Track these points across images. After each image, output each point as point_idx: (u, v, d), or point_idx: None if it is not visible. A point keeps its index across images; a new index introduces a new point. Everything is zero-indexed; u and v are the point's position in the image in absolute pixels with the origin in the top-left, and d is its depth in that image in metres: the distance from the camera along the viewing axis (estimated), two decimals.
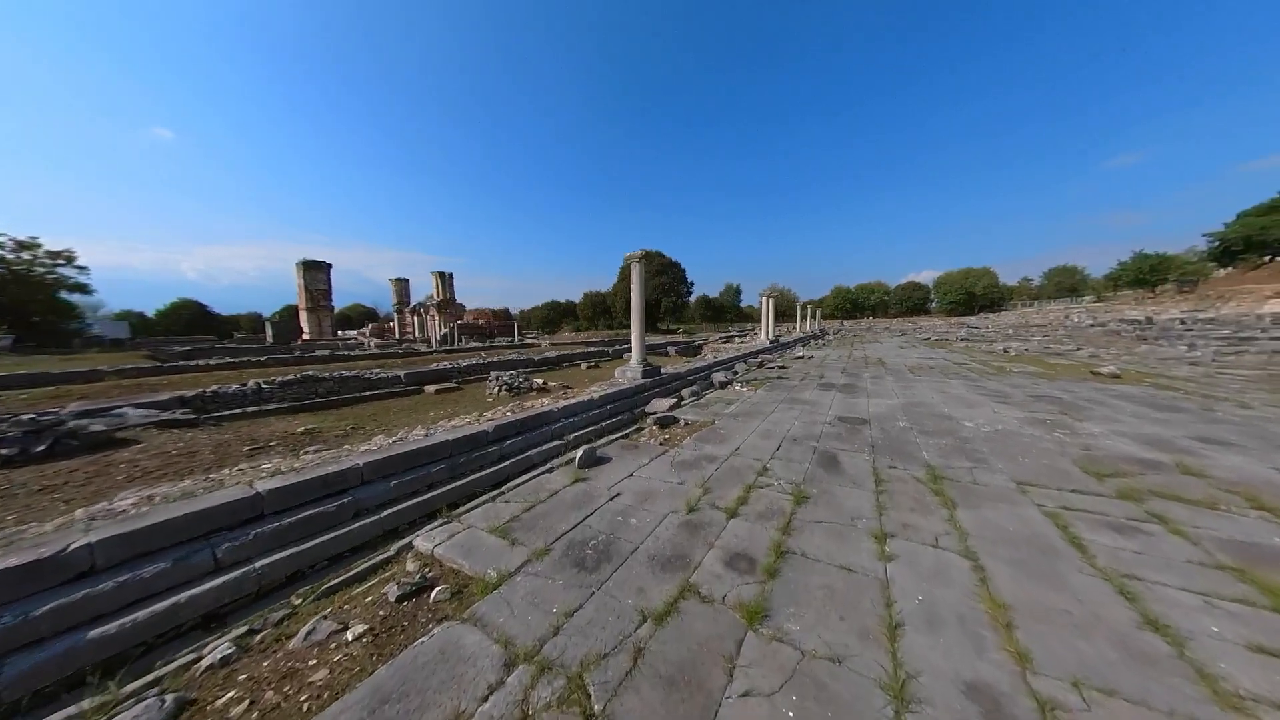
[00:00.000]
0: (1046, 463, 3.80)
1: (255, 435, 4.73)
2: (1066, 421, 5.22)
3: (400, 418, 6.06)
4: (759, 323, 20.06)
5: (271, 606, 2.45)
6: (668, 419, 5.83)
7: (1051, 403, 6.34)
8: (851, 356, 14.75)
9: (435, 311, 45.80)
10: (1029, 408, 6.03)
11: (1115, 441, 4.39)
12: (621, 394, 6.89)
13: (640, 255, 8.14)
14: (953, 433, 4.84)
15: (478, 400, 7.32)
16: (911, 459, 3.99)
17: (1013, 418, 5.46)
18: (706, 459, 4.13)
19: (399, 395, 7.72)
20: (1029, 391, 7.30)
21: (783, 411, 6.16)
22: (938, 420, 5.43)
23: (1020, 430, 4.89)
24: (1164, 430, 4.77)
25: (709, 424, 5.60)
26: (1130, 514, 2.83)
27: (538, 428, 5.11)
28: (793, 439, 4.73)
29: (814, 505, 3.07)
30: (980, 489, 3.28)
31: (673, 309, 49.43)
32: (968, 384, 8.19)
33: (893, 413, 5.92)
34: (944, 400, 6.67)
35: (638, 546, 2.54)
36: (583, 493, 3.38)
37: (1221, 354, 13.28)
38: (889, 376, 9.53)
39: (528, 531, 2.77)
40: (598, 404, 6.22)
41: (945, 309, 65.25)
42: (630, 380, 7.91)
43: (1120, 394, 6.92)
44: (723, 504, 3.10)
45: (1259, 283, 40.04)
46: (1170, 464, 3.73)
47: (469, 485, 3.88)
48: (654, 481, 3.59)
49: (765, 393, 7.84)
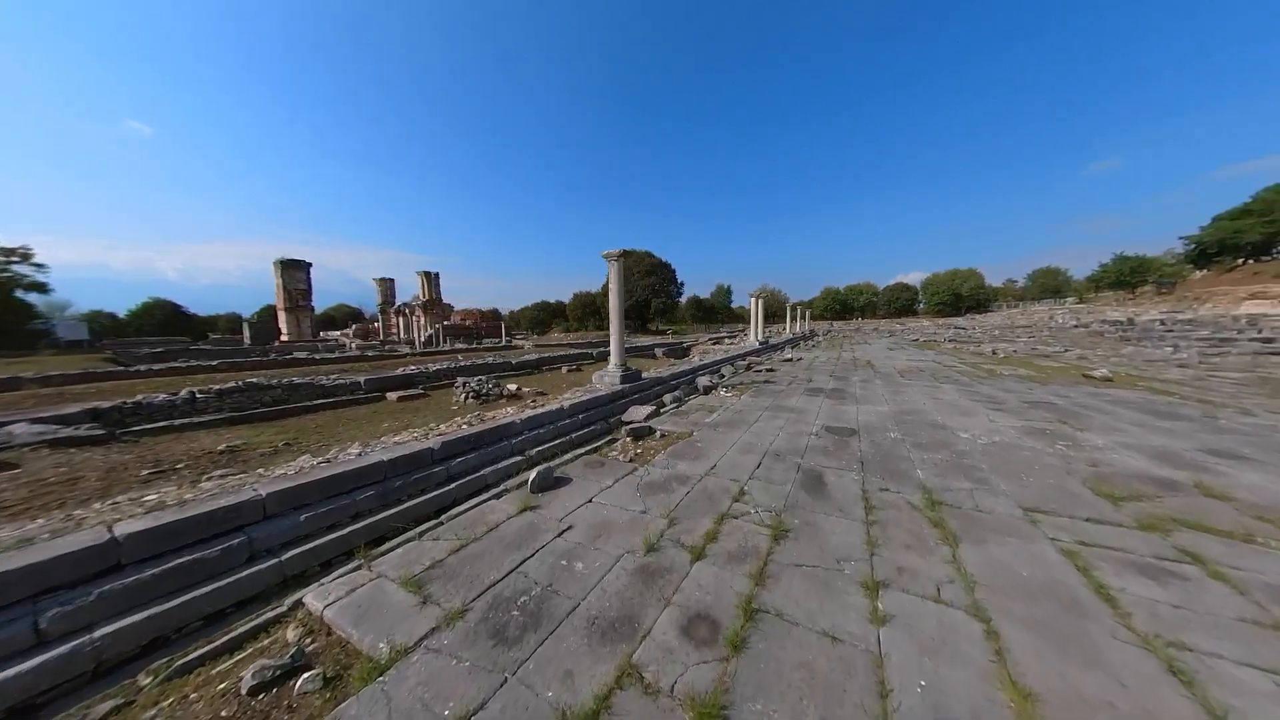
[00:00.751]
0: (1053, 483, 3.42)
1: (165, 455, 4.14)
2: (1067, 431, 4.88)
3: (348, 430, 5.50)
4: (749, 324, 19.72)
5: (107, 691, 1.92)
6: (643, 430, 5.36)
7: (1048, 409, 6.01)
8: (840, 359, 14.46)
9: (421, 312, 44.80)
10: (1025, 415, 5.69)
11: (1123, 456, 4.03)
12: (596, 402, 6.40)
13: (619, 254, 7.67)
14: (948, 445, 4.45)
15: (442, 409, 6.77)
16: (905, 479, 3.57)
17: (1010, 427, 5.10)
18: (678, 480, 3.66)
19: (357, 404, 7.14)
20: (1023, 397, 6.99)
21: (767, 421, 5.73)
22: (931, 431, 5.05)
23: (1020, 442, 4.52)
24: (1171, 442, 4.44)
25: (687, 436, 5.14)
26: (1158, 551, 2.43)
27: (496, 442, 4.60)
28: (775, 454, 4.29)
29: (795, 541, 2.62)
30: (984, 518, 2.86)
31: (663, 310, 49.00)
32: (959, 389, 7.87)
33: (883, 422, 5.53)
34: (936, 407, 6.31)
35: (578, 605, 2.06)
36: (528, 526, 2.89)
37: (1206, 356, 13.27)
38: (878, 380, 9.19)
39: (448, 582, 2.27)
40: (567, 414, 5.72)
41: (933, 310, 65.96)
42: (607, 386, 7.42)
43: (1116, 399, 6.64)
44: (689, 540, 2.64)
45: (1234, 285, 41.05)
46: (1187, 483, 3.37)
47: (404, 514, 3.36)
48: (614, 510, 3.11)
49: (750, 399, 7.42)
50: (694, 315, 68.15)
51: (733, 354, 14.64)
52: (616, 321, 7.93)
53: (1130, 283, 50.31)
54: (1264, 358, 12.90)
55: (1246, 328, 22.77)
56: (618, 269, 7.83)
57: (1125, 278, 50.79)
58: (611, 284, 7.88)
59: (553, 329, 67.10)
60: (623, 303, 7.96)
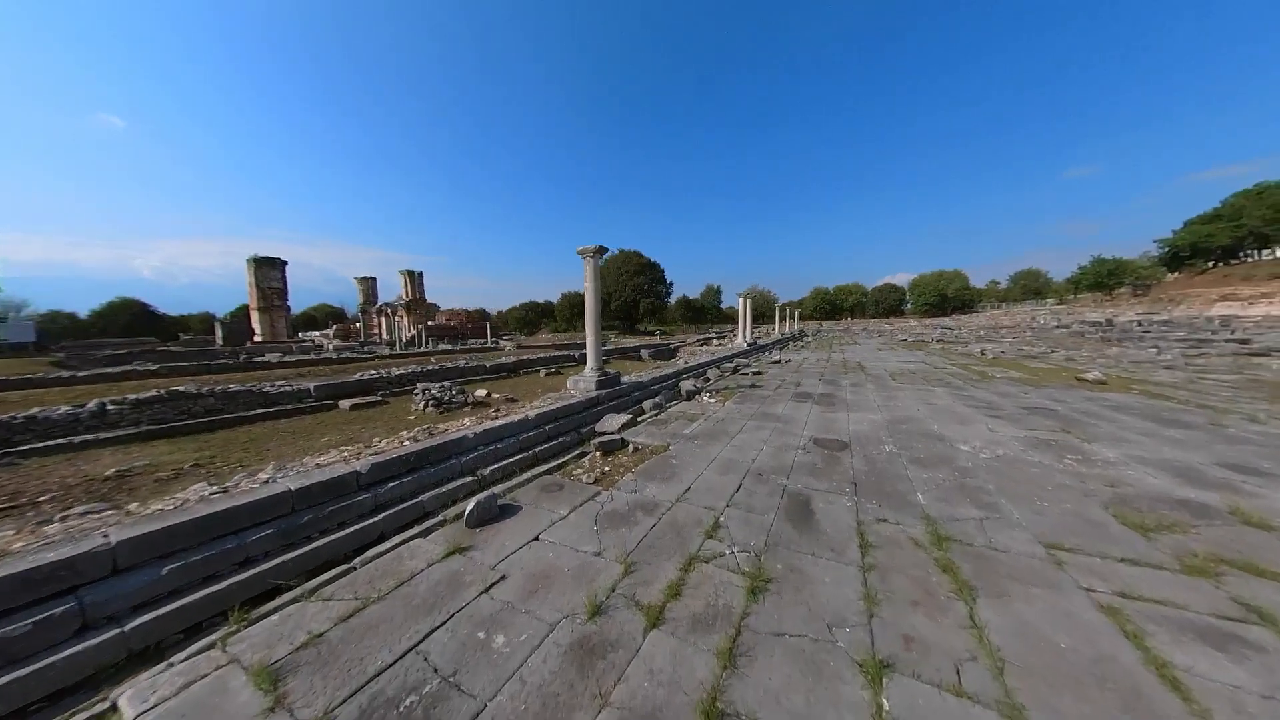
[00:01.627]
0: (1072, 508, 2.99)
1: (34, 483, 3.47)
2: (1073, 443, 4.49)
3: (281, 445, 4.86)
4: (737, 325, 19.34)
5: None
6: (614, 443, 4.83)
7: (1048, 416, 5.66)
8: (830, 360, 14.13)
9: (404, 312, 43.63)
10: (1026, 423, 5.32)
11: (1139, 473, 3.64)
12: (567, 410, 5.85)
13: (595, 250, 7.13)
14: (948, 460, 4.02)
15: (396, 419, 6.15)
16: (904, 505, 3.11)
17: (1012, 438, 4.71)
18: (645, 508, 3.14)
19: (304, 413, 6.47)
20: (1019, 402, 6.64)
21: (751, 432, 5.25)
22: (928, 442, 4.62)
23: (1025, 456, 4.11)
24: (1186, 455, 4.07)
25: (662, 450, 4.63)
26: (1215, 605, 1.99)
27: (442, 461, 4.02)
28: (758, 474, 3.79)
29: (776, 596, 2.12)
30: (1001, 559, 2.40)
31: (651, 310, 48.53)
32: (953, 393, 7.52)
33: (876, 432, 5.09)
34: (932, 415, 5.91)
35: (481, 710, 1.52)
36: (450, 577, 2.34)
37: (1189, 358, 13.26)
38: (869, 384, 8.82)
39: (318, 672, 1.71)
40: (532, 425, 5.16)
41: (920, 310, 66.81)
42: (581, 393, 6.88)
43: (1115, 404, 6.33)
44: (646, 595, 2.12)
45: (1205, 287, 42.31)
46: (1220, 507, 2.97)
47: (311, 556, 2.78)
48: (562, 551, 2.58)
49: (735, 405, 6.94)
50: (683, 316, 67.90)
51: (719, 356, 14.20)
52: (593, 323, 7.40)
53: (1108, 284, 51.57)
54: (1244, 359, 12.95)
55: (1220, 329, 23.23)
56: (593, 266, 7.30)
57: (1103, 279, 52.03)
58: (587, 282, 7.34)
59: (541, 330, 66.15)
60: (599, 303, 7.43)
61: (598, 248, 7.16)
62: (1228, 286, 39.69)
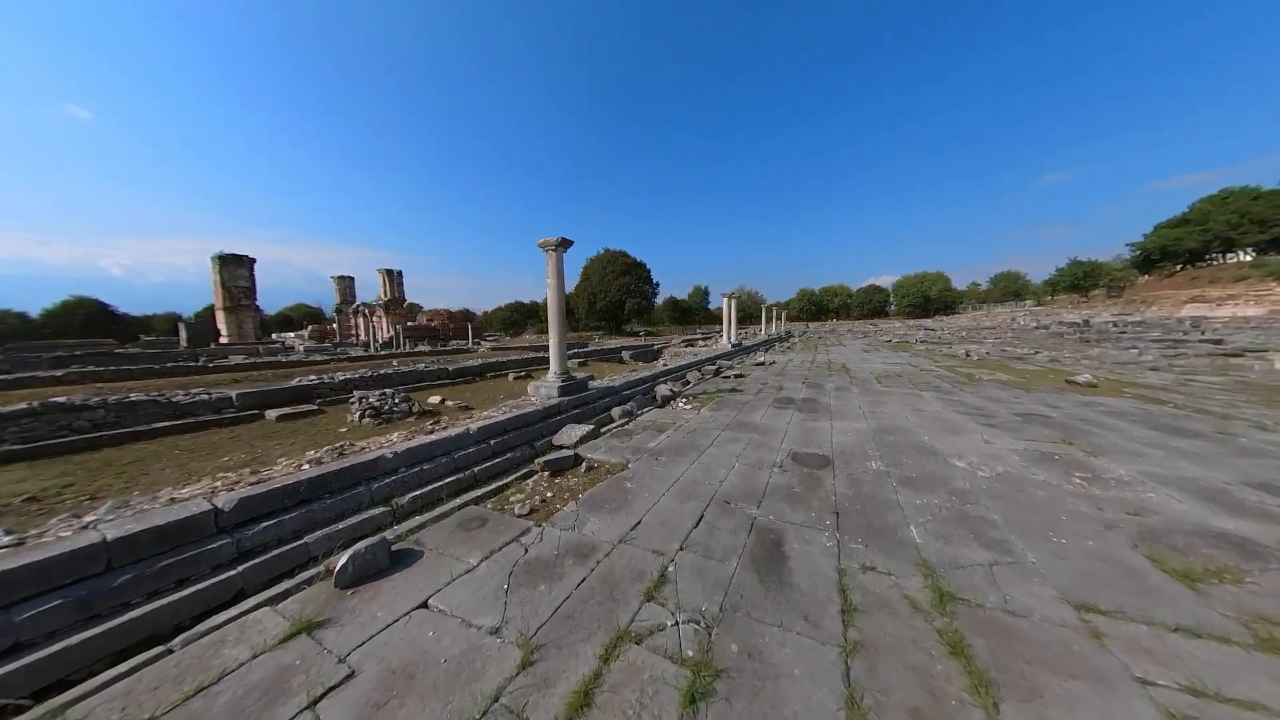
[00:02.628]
0: (1096, 546, 2.46)
1: None
2: (1078, 457, 4.01)
3: (170, 469, 4.08)
4: (731, 324, 18.85)
5: None
6: (565, 461, 4.17)
7: (1044, 424, 5.21)
8: (815, 362, 13.71)
9: (382, 312, 42.22)
10: (1023, 433, 4.85)
11: (1161, 496, 3.15)
12: (519, 421, 5.18)
13: (556, 242, 6.48)
14: (944, 481, 3.48)
15: (325, 432, 5.40)
16: (896, 544, 2.54)
17: (1010, 451, 4.21)
18: (578, 553, 2.51)
19: (220, 425, 5.66)
20: (1011, 407, 6.21)
21: (724, 445, 4.66)
22: (919, 457, 4.09)
23: (1028, 474, 3.60)
24: (1206, 471, 3.62)
25: (619, 469, 4.00)
26: None
27: (347, 488, 3.33)
28: (724, 501, 3.20)
29: (725, 704, 1.51)
30: (1022, 629, 1.84)
31: (638, 310, 47.88)
32: (942, 398, 7.07)
33: (862, 444, 4.56)
34: (921, 423, 5.41)
35: None
36: (276, 676, 1.67)
37: (1170, 359, 13.21)
38: (854, 388, 8.34)
39: None
40: (473, 439, 4.49)
41: (904, 311, 67.67)
42: (542, 400, 6.22)
43: (1111, 410, 5.94)
44: (545, 709, 1.49)
45: (1175, 289, 43.64)
46: (1267, 543, 2.47)
47: (123, 630, 2.08)
48: (449, 626, 1.93)
49: (711, 413, 6.36)
50: (671, 316, 67.49)
51: (701, 358, 13.66)
52: (556, 323, 6.74)
53: (1083, 286, 52.91)
54: (1221, 359, 12.95)
55: (1191, 330, 23.68)
56: (556, 261, 6.64)
57: (1079, 281, 53.36)
58: (550, 278, 6.68)
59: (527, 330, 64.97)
60: (564, 301, 6.78)
61: (560, 240, 6.52)
62: (1196, 288, 40.99)
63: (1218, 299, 36.99)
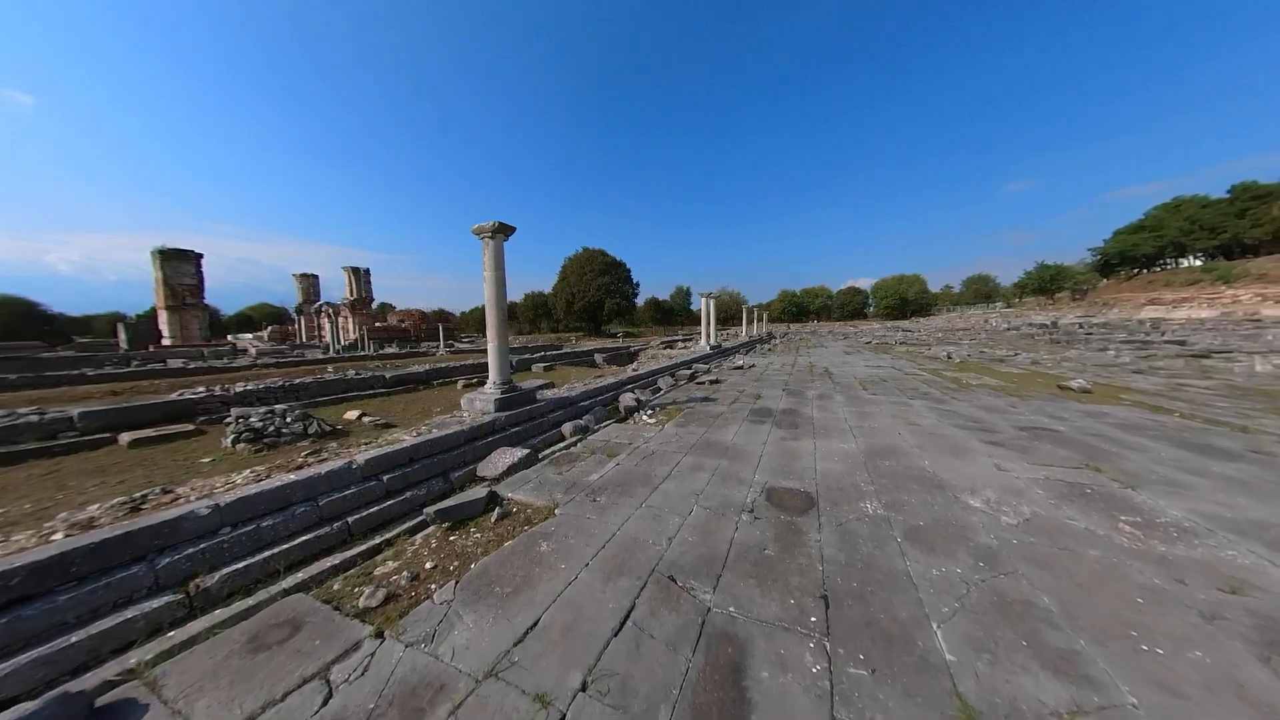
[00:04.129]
0: (1212, 663, 1.62)
1: None
2: (1111, 489, 3.26)
3: None
4: (710, 326, 18.04)
5: None
6: (470, 507, 3.15)
7: (1056, 441, 4.50)
8: (796, 366, 13.02)
9: (348, 312, 39.93)
10: (1035, 453, 4.10)
11: (1242, 552, 2.38)
12: (434, 447, 4.14)
13: (492, 228, 5.46)
14: (962, 533, 2.64)
15: (184, 463, 4.21)
16: (918, 669, 1.64)
17: (1030, 481, 3.43)
18: (408, 704, 1.53)
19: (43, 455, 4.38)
20: (1012, 419, 5.52)
21: (684, 477, 3.73)
22: (924, 492, 3.26)
23: (1064, 518, 2.81)
24: (1270, 509, 2.90)
25: (542, 518, 3.01)
26: None
27: (112, 570, 2.24)
28: (668, 577, 2.25)
29: None
30: None
31: (618, 311, 46.78)
32: (934, 407, 6.36)
33: (852, 473, 3.71)
34: (917, 441, 4.62)
35: None
36: None
37: (1149, 362, 13.09)
38: (838, 395, 7.58)
39: None
40: (357, 477, 3.44)
41: (881, 313, 68.85)
42: (474, 416, 5.18)
43: (1121, 422, 5.31)
44: None
45: (1134, 292, 45.55)
46: None
47: None
48: None
49: (676, 429, 5.44)
50: (653, 317, 66.74)
51: (677, 361, 12.79)
52: (495, 322, 5.71)
53: (1050, 289, 54.80)
54: (1193, 360, 12.90)
55: (1152, 331, 24.31)
56: (494, 251, 5.62)
57: (1046, 284, 55.24)
58: (487, 270, 5.65)
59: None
60: (504, 297, 5.75)
61: (497, 225, 5.49)
62: (1153, 291, 42.86)
63: (1173, 301, 38.65)
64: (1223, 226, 43.81)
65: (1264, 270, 38.04)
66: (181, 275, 32.13)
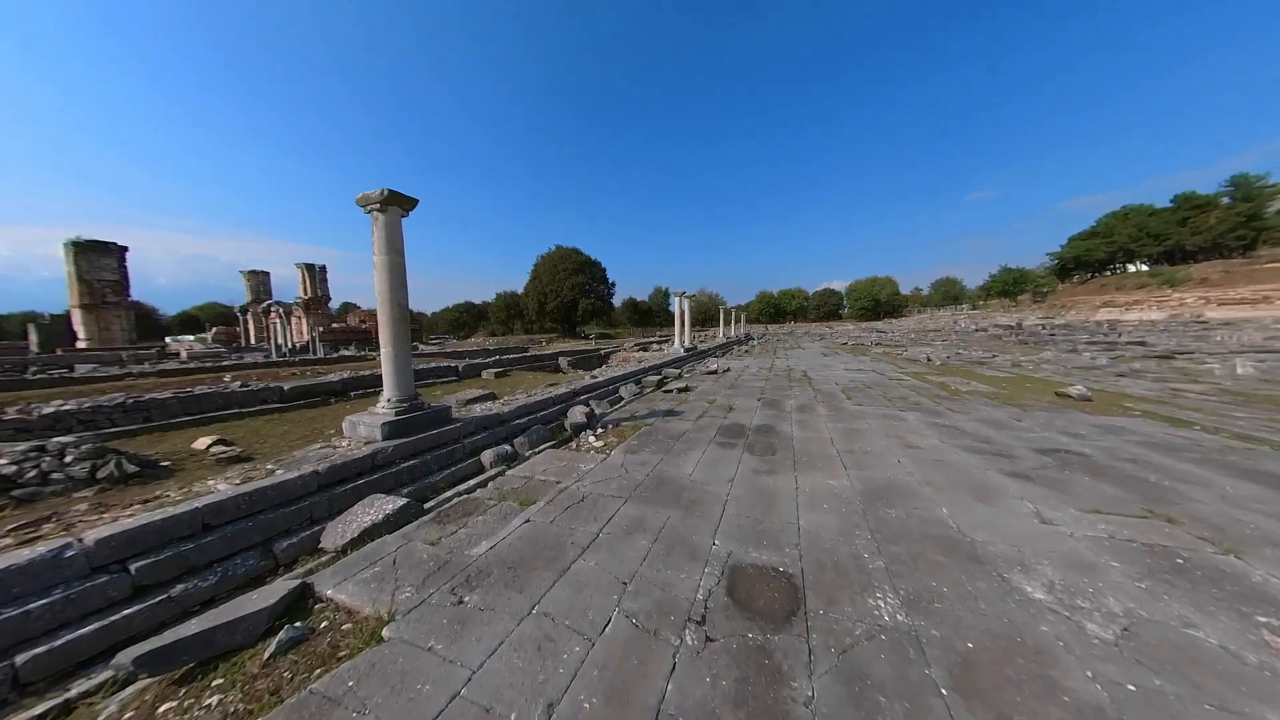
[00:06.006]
0: None
1: None
2: (1202, 553, 2.31)
3: None
4: (685, 327, 16.99)
5: None
6: (225, 634, 1.90)
7: (1088, 469, 3.60)
8: (773, 369, 12.12)
9: (302, 312, 36.98)
10: (1077, 493, 3.17)
11: None
12: (254, 502, 2.83)
13: (381, 197, 4.17)
14: (1038, 669, 1.59)
15: None
16: None
17: (1093, 545, 2.45)
18: None
19: None
20: (1024, 438, 4.65)
21: (612, 546, 2.57)
22: (954, 569, 2.22)
23: (1173, 623, 1.81)
24: None
25: (356, 649, 1.79)
26: None
27: None
28: None
29: None
30: None
31: (593, 311, 45.30)
32: (931, 422, 5.45)
33: (849, 534, 2.64)
34: (924, 474, 3.63)
35: None
36: None
37: (1126, 362, 12.89)
38: (821, 406, 6.62)
39: None
40: (75, 572, 2.11)
41: (856, 314, 70.11)
42: (354, 445, 3.90)
43: (1148, 440, 4.51)
44: None
45: (1089, 295, 47.71)
46: None
47: None
48: None
49: (625, 456, 4.29)
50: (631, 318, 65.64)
51: (645, 366, 11.66)
52: (390, 321, 4.43)
53: (1013, 292, 56.94)
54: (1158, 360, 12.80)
55: (1110, 331, 24.99)
56: (386, 227, 4.34)
57: (1009, 287, 57.38)
58: (378, 255, 4.36)
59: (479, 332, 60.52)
60: (400, 287, 4.46)
61: (387, 194, 4.21)
62: (1106, 294, 44.97)
63: (1125, 304, 40.53)
64: (1167, 234, 46.43)
65: (1204, 275, 40.34)
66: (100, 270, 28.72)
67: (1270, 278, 34.77)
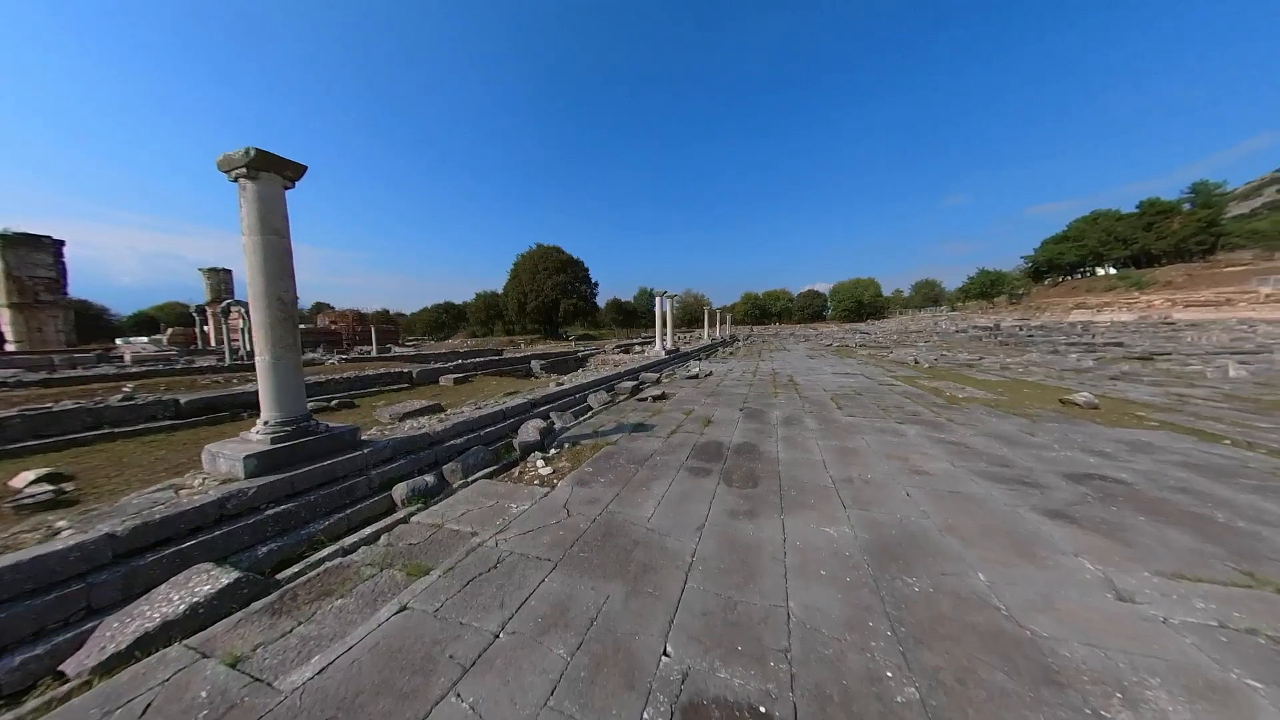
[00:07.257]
0: None
1: None
2: None
3: None
4: (667, 328, 16.21)
5: None
6: None
7: (1140, 506, 2.91)
8: (758, 373, 11.42)
9: None
10: (1142, 545, 2.46)
11: None
12: None
13: (246, 159, 3.21)
14: None
15: None
16: None
17: (1203, 632, 1.73)
18: None
19: None
20: (1045, 458, 3.97)
21: (513, 662, 1.71)
22: (1017, 686, 1.44)
23: None
24: None
25: None
26: None
27: None
28: None
29: None
30: None
31: (575, 312, 44.16)
32: (935, 439, 4.75)
33: (858, 624, 1.84)
34: (942, 516, 2.88)
35: None
36: None
37: (1117, 366, 12.67)
38: (809, 419, 5.88)
39: None
40: None
41: (839, 315, 70.75)
42: (209, 484, 2.94)
43: (1182, 459, 3.88)
44: None
45: (1061, 296, 48.98)
46: None
47: None
48: None
49: (572, 490, 3.42)
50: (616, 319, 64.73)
51: (621, 371, 10.81)
52: (266, 323, 3.45)
53: (990, 294, 58.22)
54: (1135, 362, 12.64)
55: (1084, 332, 25.33)
56: (258, 199, 3.37)
57: (987, 289, 58.66)
58: (248, 235, 3.39)
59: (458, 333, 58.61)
60: (282, 278, 3.49)
61: (253, 154, 3.26)
62: (1078, 296, 46.23)
63: (1097, 305, 41.64)
64: (1134, 238, 48.05)
65: (1169, 278, 41.74)
66: (32, 266, 26.30)
67: (1230, 280, 36.14)
